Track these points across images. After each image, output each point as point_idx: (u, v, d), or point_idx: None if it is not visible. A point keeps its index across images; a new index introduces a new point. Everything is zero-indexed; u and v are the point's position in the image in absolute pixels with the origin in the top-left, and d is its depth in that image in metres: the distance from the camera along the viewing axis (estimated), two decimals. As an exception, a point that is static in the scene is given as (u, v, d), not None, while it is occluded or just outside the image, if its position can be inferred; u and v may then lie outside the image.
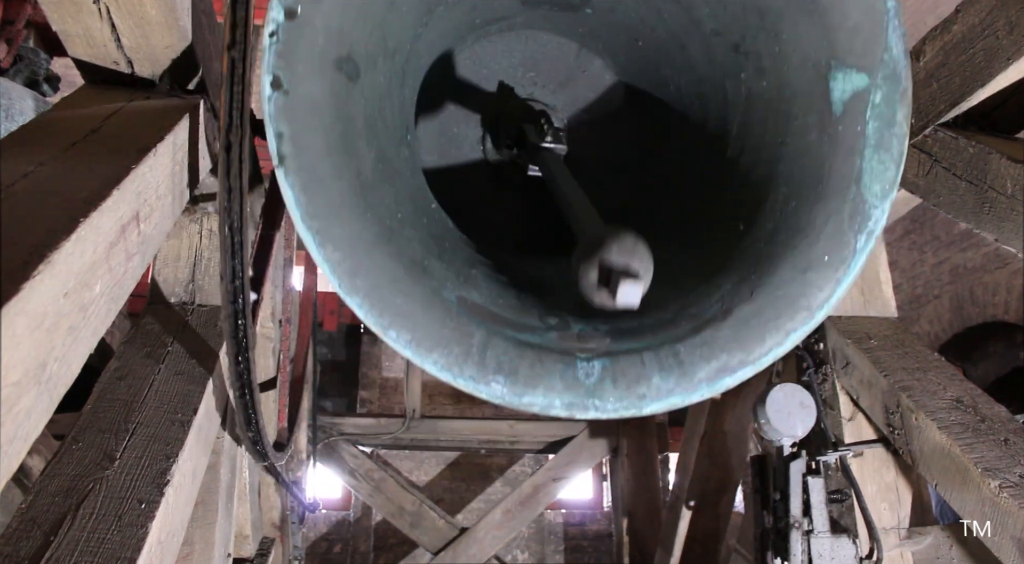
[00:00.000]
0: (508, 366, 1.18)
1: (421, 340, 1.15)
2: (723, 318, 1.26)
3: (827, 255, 1.24)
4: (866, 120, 1.18)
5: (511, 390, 1.17)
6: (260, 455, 1.77)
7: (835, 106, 1.19)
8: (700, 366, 1.22)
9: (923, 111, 2.02)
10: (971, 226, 1.91)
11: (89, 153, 1.27)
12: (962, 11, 1.87)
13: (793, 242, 1.26)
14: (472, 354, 1.16)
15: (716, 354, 1.23)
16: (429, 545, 6.28)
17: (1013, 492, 1.71)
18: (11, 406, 0.87)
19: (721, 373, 1.23)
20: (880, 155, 1.20)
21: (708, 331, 1.25)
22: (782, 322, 1.25)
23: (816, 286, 1.24)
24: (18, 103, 2.71)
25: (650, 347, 1.24)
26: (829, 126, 1.21)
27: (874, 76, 1.16)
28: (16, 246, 0.93)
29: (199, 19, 1.66)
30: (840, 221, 1.22)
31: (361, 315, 1.14)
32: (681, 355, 1.23)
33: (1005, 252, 6.90)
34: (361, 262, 1.14)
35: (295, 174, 1.10)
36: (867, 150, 1.19)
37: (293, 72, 1.08)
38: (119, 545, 1.19)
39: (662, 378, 1.21)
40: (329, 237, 1.12)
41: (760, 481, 2.40)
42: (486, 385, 1.16)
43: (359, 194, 1.16)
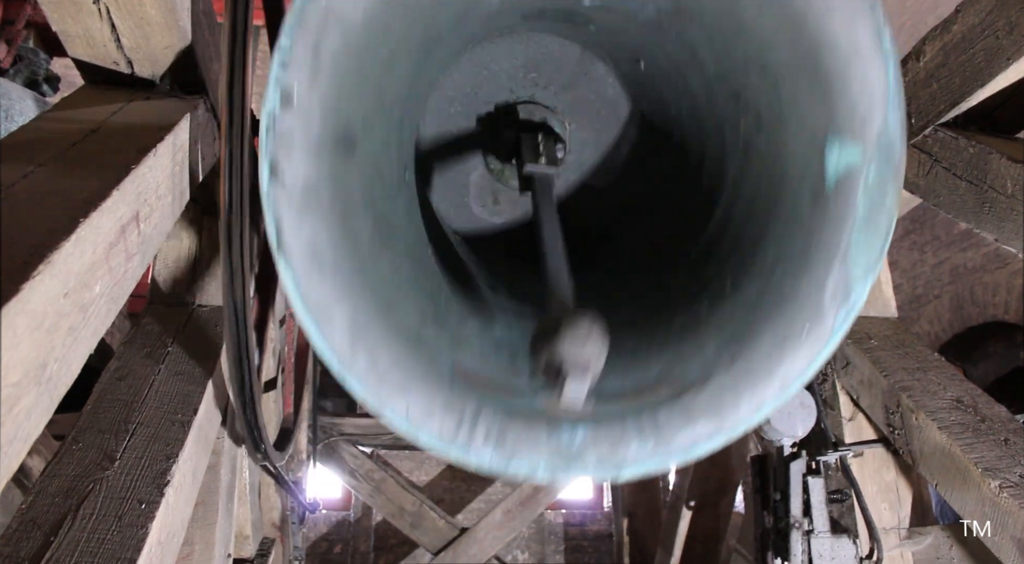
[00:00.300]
0: (497, 435, 1.19)
1: (415, 415, 1.16)
2: (703, 384, 1.26)
3: (807, 328, 1.23)
4: (858, 197, 1.18)
5: (499, 458, 1.19)
6: (260, 455, 1.77)
7: (829, 178, 1.19)
8: (677, 433, 1.23)
9: (923, 111, 2.02)
10: (971, 226, 1.91)
11: (89, 153, 1.27)
12: (962, 11, 1.87)
13: (776, 310, 1.25)
14: (464, 424, 1.18)
15: (694, 421, 1.24)
16: (429, 545, 6.27)
17: (1013, 492, 1.71)
18: (11, 406, 0.87)
19: (697, 441, 1.24)
20: (868, 232, 1.19)
21: (687, 397, 1.25)
22: (758, 392, 1.25)
23: (793, 359, 1.24)
24: (18, 103, 2.72)
25: (631, 412, 1.24)
26: (821, 198, 1.21)
27: (869, 152, 1.16)
28: (16, 246, 0.93)
29: (199, 19, 1.66)
30: (822, 295, 1.22)
31: (358, 394, 1.14)
32: (660, 421, 1.23)
33: (1005, 252, 6.90)
34: (360, 343, 1.14)
35: (295, 261, 1.10)
36: (856, 226, 1.19)
37: (291, 159, 1.07)
38: (119, 545, 1.19)
39: (640, 445, 1.22)
40: (329, 320, 1.12)
41: (760, 481, 2.40)
42: (476, 455, 1.18)
43: (357, 271, 1.16)
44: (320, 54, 1.05)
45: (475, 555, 6.19)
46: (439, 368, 1.21)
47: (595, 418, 1.23)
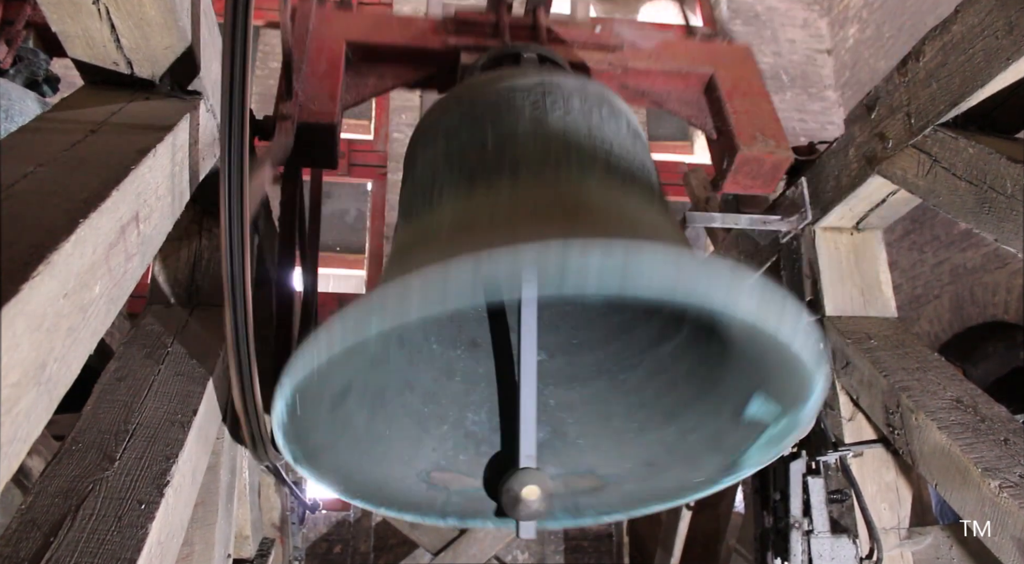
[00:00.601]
0: (460, 513, 1.61)
1: (400, 508, 1.56)
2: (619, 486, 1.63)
3: (697, 476, 1.56)
4: (763, 435, 1.43)
5: (459, 522, 1.64)
6: (261, 456, 1.77)
7: (747, 414, 1.44)
8: (589, 509, 1.62)
9: (923, 111, 2.02)
10: (971, 226, 1.91)
11: (89, 154, 1.27)
12: (961, 11, 1.87)
13: (684, 458, 1.58)
14: (435, 509, 1.59)
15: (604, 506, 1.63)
16: (429, 545, 6.27)
17: (1013, 492, 1.71)
18: (11, 407, 0.86)
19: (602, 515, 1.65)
20: (764, 450, 1.46)
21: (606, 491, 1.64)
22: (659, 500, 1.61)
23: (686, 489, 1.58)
24: (18, 104, 2.71)
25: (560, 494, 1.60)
26: (737, 416, 1.47)
27: (784, 415, 1.36)
28: (16, 246, 0.93)
29: (198, 20, 1.66)
30: (719, 465, 1.52)
31: (357, 504, 1.53)
32: (579, 501, 1.62)
33: (1005, 252, 6.90)
34: (359, 481, 1.52)
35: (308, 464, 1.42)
36: (753, 446, 1.46)
37: (302, 438, 1.35)
38: (119, 546, 1.19)
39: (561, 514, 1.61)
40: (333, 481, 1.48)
41: (760, 481, 2.40)
42: (442, 523, 1.61)
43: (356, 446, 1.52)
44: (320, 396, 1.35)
45: (475, 555, 6.18)
46: (420, 482, 1.58)
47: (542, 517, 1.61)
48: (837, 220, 2.48)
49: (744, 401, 1.43)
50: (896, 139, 2.12)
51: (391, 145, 9.01)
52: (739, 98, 2.30)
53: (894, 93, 2.13)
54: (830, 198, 2.42)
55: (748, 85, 2.35)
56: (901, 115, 2.10)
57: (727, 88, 2.31)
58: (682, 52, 2.47)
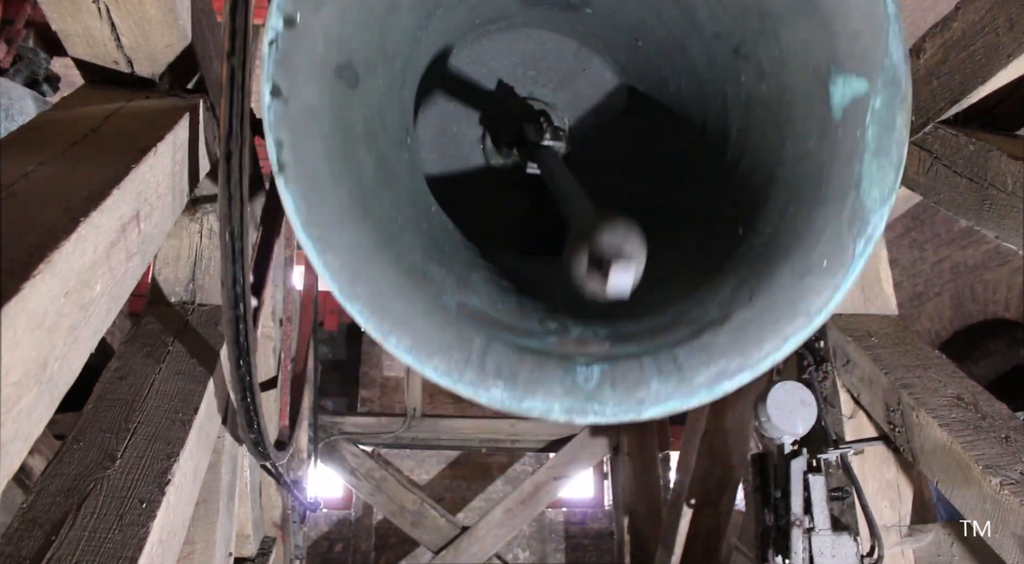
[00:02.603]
0: (508, 371, 1.18)
1: (421, 346, 1.15)
2: (722, 323, 1.25)
3: (826, 260, 1.23)
4: (866, 126, 1.18)
5: (511, 395, 1.17)
6: (261, 454, 1.77)
7: (835, 111, 1.19)
8: (699, 371, 1.22)
9: (923, 108, 2.02)
10: (972, 223, 1.91)
11: (89, 153, 1.27)
12: (962, 8, 1.87)
13: (792, 247, 1.26)
14: (472, 360, 1.17)
15: (715, 359, 1.23)
16: (430, 544, 6.27)
17: (1014, 489, 1.71)
18: (12, 406, 0.87)
19: (720, 378, 1.23)
20: (879, 160, 1.20)
21: (707, 336, 1.24)
22: (780, 327, 1.24)
23: (814, 291, 1.24)
24: (18, 103, 2.71)
25: (648, 352, 1.23)
26: (829, 131, 1.21)
27: (874, 81, 1.16)
28: (17, 245, 0.93)
29: (199, 19, 1.66)
30: (839, 226, 1.22)
31: (361, 321, 1.14)
32: (680, 360, 1.22)
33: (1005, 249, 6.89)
34: (361, 269, 1.14)
35: (295, 182, 1.10)
36: (866, 155, 1.19)
37: (293, 80, 1.08)
38: (120, 544, 1.19)
39: (661, 383, 1.20)
40: (329, 245, 1.12)
41: (761, 479, 2.40)
42: (486, 390, 1.16)
43: (359, 201, 1.16)
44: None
45: (476, 554, 6.19)
46: (444, 304, 1.20)
47: (611, 358, 1.22)
48: (838, 218, 2.48)
49: (825, 101, 1.19)
50: (896, 136, 2.12)
51: (391, 144, 9.01)
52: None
53: (894, 90, 2.13)
54: (830, 196, 2.42)
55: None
56: (901, 112, 2.10)
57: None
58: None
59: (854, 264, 1.23)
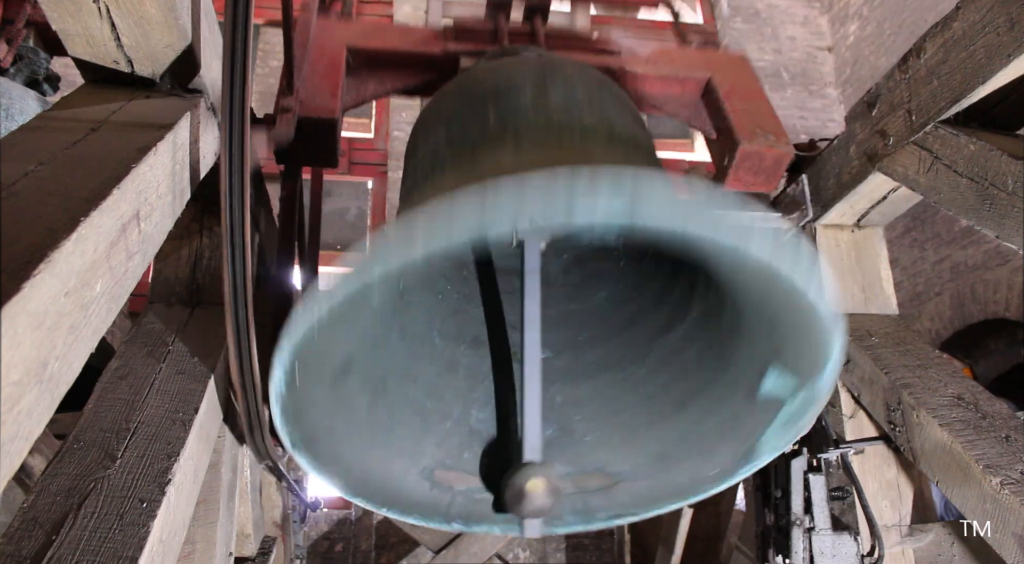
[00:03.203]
0: (465, 515, 1.56)
1: (404, 511, 1.51)
2: (631, 483, 1.60)
3: (714, 468, 1.52)
4: (780, 413, 1.39)
5: (466, 527, 1.57)
6: (262, 454, 1.78)
7: (762, 391, 1.39)
8: (600, 511, 1.58)
9: (924, 108, 2.02)
10: (972, 223, 1.91)
11: (89, 152, 1.27)
12: (963, 8, 1.87)
13: (697, 449, 1.55)
14: (439, 513, 1.54)
15: (615, 505, 1.58)
16: (430, 543, 6.27)
17: (1014, 489, 1.71)
18: (12, 405, 0.87)
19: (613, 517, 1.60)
20: (782, 431, 1.41)
21: (616, 489, 1.59)
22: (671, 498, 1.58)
23: (702, 484, 1.54)
24: (18, 102, 2.72)
25: (570, 495, 1.56)
26: (752, 397, 1.42)
27: (801, 388, 1.32)
28: (17, 245, 0.93)
29: (199, 18, 1.66)
30: (733, 453, 1.49)
31: (359, 503, 1.46)
32: (589, 502, 1.58)
33: (1006, 249, 6.89)
34: (360, 475, 1.46)
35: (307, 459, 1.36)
36: (774, 425, 1.41)
37: (300, 416, 1.28)
38: (121, 544, 1.20)
39: (571, 516, 1.57)
40: (335, 472, 1.41)
41: (761, 479, 2.40)
42: (448, 526, 1.55)
43: (358, 435, 1.46)
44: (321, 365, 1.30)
45: (476, 553, 6.19)
46: (424, 477, 1.54)
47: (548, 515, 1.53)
48: (838, 217, 2.48)
49: (758, 378, 1.38)
50: (897, 136, 2.12)
51: (391, 143, 9.01)
52: (737, 99, 2.29)
53: (895, 90, 2.13)
54: (831, 195, 2.42)
55: (746, 89, 2.35)
56: (902, 112, 2.10)
57: (725, 90, 2.31)
58: (679, 58, 2.47)
59: (730, 480, 1.52)
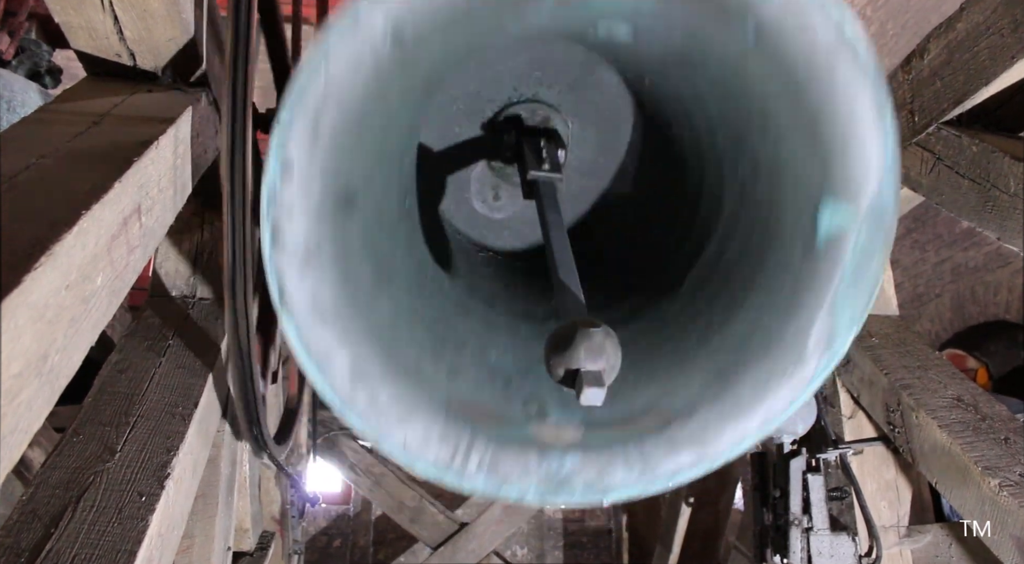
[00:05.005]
0: (489, 462, 1.25)
1: (412, 446, 1.23)
2: (688, 417, 1.30)
3: (789, 370, 1.28)
4: (846, 257, 1.22)
5: (491, 484, 1.25)
6: (261, 449, 1.78)
7: (820, 235, 1.22)
8: (661, 463, 1.28)
9: (926, 109, 2.01)
10: (974, 224, 1.91)
11: (91, 146, 1.27)
12: (967, 9, 1.87)
13: (761, 352, 1.30)
14: (458, 453, 1.24)
15: (677, 452, 1.29)
16: (429, 540, 6.28)
17: (1013, 491, 1.71)
18: (12, 398, 0.87)
19: (679, 470, 1.29)
20: (855, 287, 1.23)
21: (673, 428, 1.30)
22: (740, 427, 1.30)
23: (775, 398, 1.29)
24: (20, 95, 2.72)
25: (619, 441, 1.29)
26: (811, 252, 1.24)
27: (861, 217, 1.19)
28: (18, 238, 0.93)
29: (202, 12, 1.65)
30: (806, 341, 1.26)
31: (358, 428, 1.20)
32: (646, 450, 1.29)
33: (1007, 251, 6.89)
34: (360, 383, 1.20)
35: (297, 315, 1.15)
36: (843, 282, 1.23)
37: (292, 223, 1.11)
38: (119, 537, 1.20)
39: (626, 473, 1.27)
40: (329, 365, 1.18)
41: (760, 478, 2.40)
42: (469, 481, 1.24)
43: (358, 317, 1.21)
44: (319, 128, 1.09)
45: (474, 550, 6.19)
46: (435, 401, 1.26)
47: (584, 446, 1.28)
48: (839, 218, 2.48)
49: (812, 224, 1.21)
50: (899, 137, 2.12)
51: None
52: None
53: (898, 91, 2.13)
54: (833, 196, 2.41)
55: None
56: (904, 113, 2.10)
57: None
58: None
59: (813, 381, 1.28)
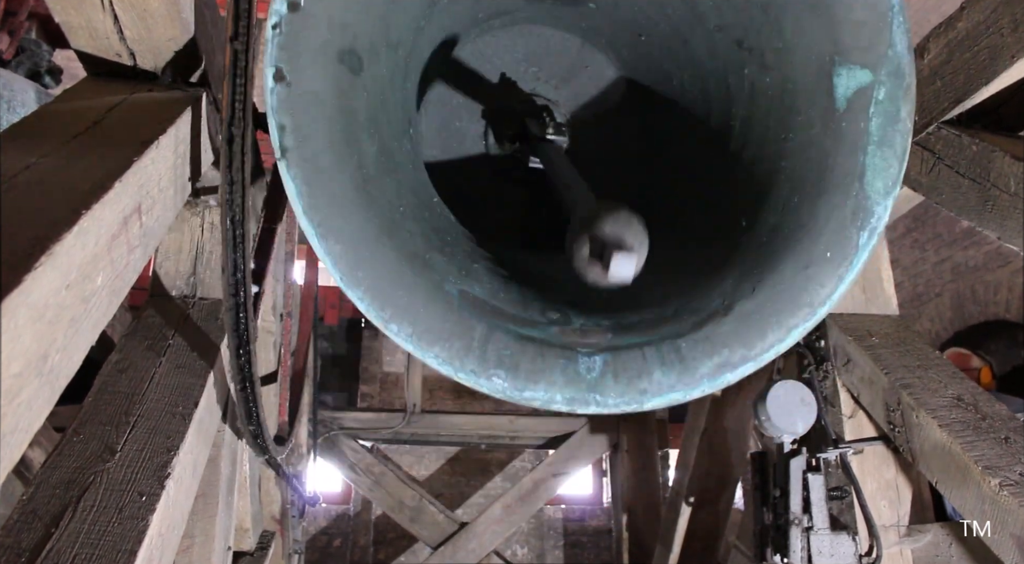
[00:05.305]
0: (509, 361, 1.16)
1: (422, 334, 1.14)
2: (725, 313, 1.24)
3: (829, 251, 1.23)
4: (869, 117, 1.17)
5: (512, 384, 1.16)
6: (261, 449, 1.78)
7: (839, 102, 1.18)
8: (702, 361, 1.21)
9: (927, 108, 2.01)
10: (974, 224, 1.91)
11: (91, 145, 1.27)
12: (967, 8, 1.87)
13: (795, 238, 1.25)
14: (473, 348, 1.15)
15: (718, 349, 1.22)
16: (429, 540, 6.28)
17: (1013, 490, 1.71)
18: (12, 397, 0.87)
19: (722, 368, 1.22)
20: (883, 152, 1.19)
21: (710, 326, 1.24)
22: (784, 318, 1.23)
23: (818, 282, 1.23)
24: (20, 95, 2.71)
25: (651, 342, 1.22)
26: (832, 122, 1.21)
27: (878, 72, 1.15)
28: (18, 237, 0.93)
29: (201, 11, 1.65)
30: (843, 217, 1.21)
31: (362, 308, 1.13)
32: (683, 350, 1.21)
33: (1007, 250, 6.89)
34: (363, 255, 1.13)
35: (297, 166, 1.10)
36: (870, 147, 1.19)
37: (296, 65, 1.08)
38: (120, 537, 1.20)
39: (663, 373, 1.19)
40: (331, 230, 1.12)
41: (760, 478, 2.40)
42: (487, 379, 1.15)
43: (361, 187, 1.16)
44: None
45: (474, 550, 6.20)
46: (446, 292, 1.19)
47: (613, 348, 1.21)
48: (839, 217, 2.48)
49: (828, 90, 1.17)
50: (899, 136, 2.12)
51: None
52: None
53: (898, 90, 2.13)
54: (833, 195, 2.41)
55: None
56: (905, 112, 2.10)
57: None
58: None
59: (858, 255, 1.23)
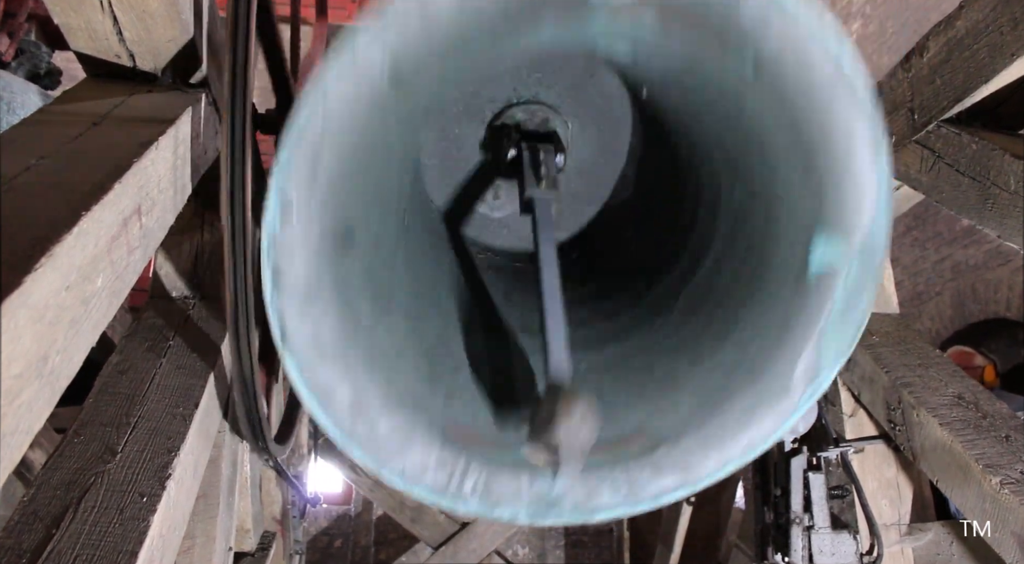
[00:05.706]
0: (483, 488, 1.29)
1: (410, 473, 1.26)
2: (675, 442, 1.33)
3: (775, 400, 1.31)
4: (836, 292, 1.23)
5: (484, 507, 1.29)
6: (262, 449, 1.78)
7: (812, 269, 1.23)
8: (646, 486, 1.32)
9: (926, 107, 2.01)
10: (974, 223, 1.91)
11: (91, 147, 1.27)
12: (966, 7, 1.87)
13: (749, 379, 1.32)
14: (454, 478, 1.28)
15: (662, 476, 1.33)
16: (430, 540, 6.28)
17: (1014, 488, 1.71)
18: (13, 399, 0.87)
19: (663, 493, 1.33)
20: (843, 323, 1.25)
21: (660, 453, 1.33)
22: (724, 453, 1.33)
23: (759, 427, 1.31)
24: (20, 96, 2.72)
25: (607, 465, 1.32)
26: (803, 285, 1.25)
27: (852, 252, 1.20)
28: (18, 239, 0.93)
29: (201, 12, 1.65)
30: (792, 372, 1.29)
31: (358, 459, 1.23)
32: (632, 474, 1.32)
33: (1007, 249, 6.89)
34: (360, 415, 1.23)
35: (298, 353, 1.16)
36: (832, 316, 1.24)
37: (292, 264, 1.13)
38: (121, 538, 1.20)
39: (612, 495, 1.31)
40: (330, 400, 1.20)
41: (761, 477, 2.40)
42: (464, 504, 1.28)
43: (358, 351, 1.23)
44: (318, 168, 1.09)
45: (475, 550, 6.19)
46: (432, 427, 1.30)
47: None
48: (839, 216, 2.48)
49: (804, 256, 1.22)
50: (899, 135, 2.12)
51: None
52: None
53: (897, 89, 2.13)
54: (833, 194, 2.41)
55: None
56: (904, 111, 2.10)
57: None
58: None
59: (796, 411, 1.30)
